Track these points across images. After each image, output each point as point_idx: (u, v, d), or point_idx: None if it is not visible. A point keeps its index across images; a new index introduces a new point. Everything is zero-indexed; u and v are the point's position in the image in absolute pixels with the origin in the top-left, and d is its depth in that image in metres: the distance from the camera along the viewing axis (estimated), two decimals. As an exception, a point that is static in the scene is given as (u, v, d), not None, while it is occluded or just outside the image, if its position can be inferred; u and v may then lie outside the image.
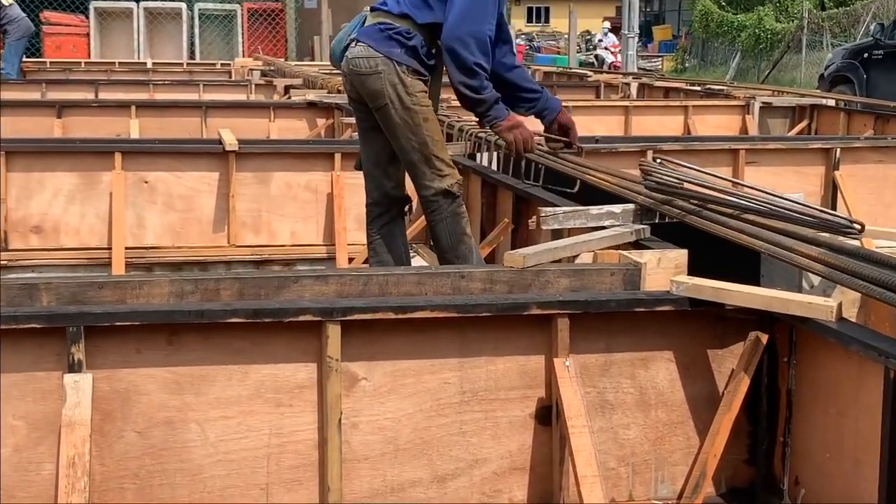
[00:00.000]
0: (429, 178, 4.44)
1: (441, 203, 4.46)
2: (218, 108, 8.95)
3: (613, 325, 2.97)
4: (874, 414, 2.59)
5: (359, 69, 4.48)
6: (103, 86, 11.12)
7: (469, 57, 4.32)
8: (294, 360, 2.86)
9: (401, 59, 4.40)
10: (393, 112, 4.42)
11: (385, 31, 4.45)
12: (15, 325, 2.68)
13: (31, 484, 2.72)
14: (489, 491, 2.96)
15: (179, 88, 11.43)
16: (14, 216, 5.86)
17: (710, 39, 34.03)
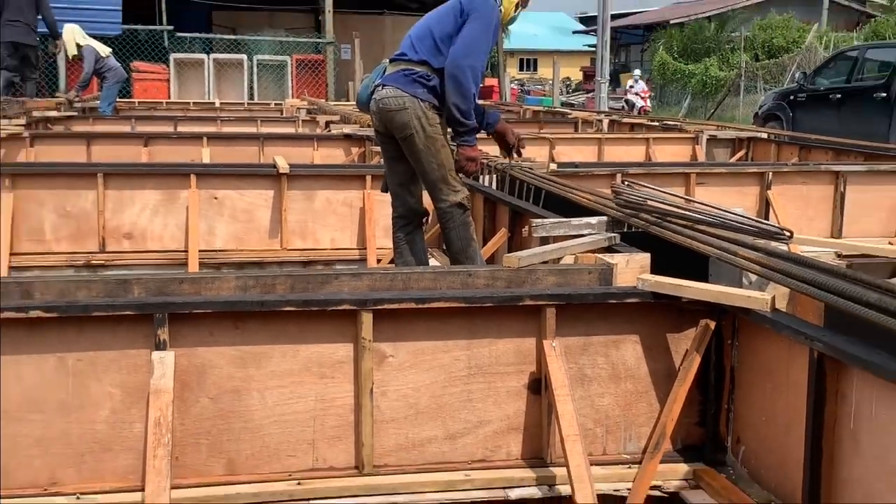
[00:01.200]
0: (445, 193, 4.46)
1: (454, 214, 4.49)
2: (272, 139, 8.93)
3: (591, 314, 2.97)
4: (801, 386, 2.59)
5: (388, 107, 4.49)
6: (181, 121, 11.11)
7: (467, 84, 4.38)
8: (335, 340, 2.86)
9: (423, 97, 4.43)
10: (417, 140, 4.44)
11: (409, 75, 4.48)
12: (113, 311, 2.70)
13: (125, 439, 2.73)
14: (491, 446, 2.96)
15: (241, 123, 11.43)
16: (110, 225, 5.87)
17: (666, 84, 34.03)
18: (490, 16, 4.54)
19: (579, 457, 2.69)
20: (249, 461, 2.83)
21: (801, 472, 2.58)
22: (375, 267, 5.75)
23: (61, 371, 2.68)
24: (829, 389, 2.49)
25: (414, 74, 4.49)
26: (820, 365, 2.51)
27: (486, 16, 4.51)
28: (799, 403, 2.61)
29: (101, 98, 12.01)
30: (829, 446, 2.51)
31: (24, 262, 5.69)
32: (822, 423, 2.51)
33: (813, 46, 28.00)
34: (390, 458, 2.90)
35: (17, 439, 2.67)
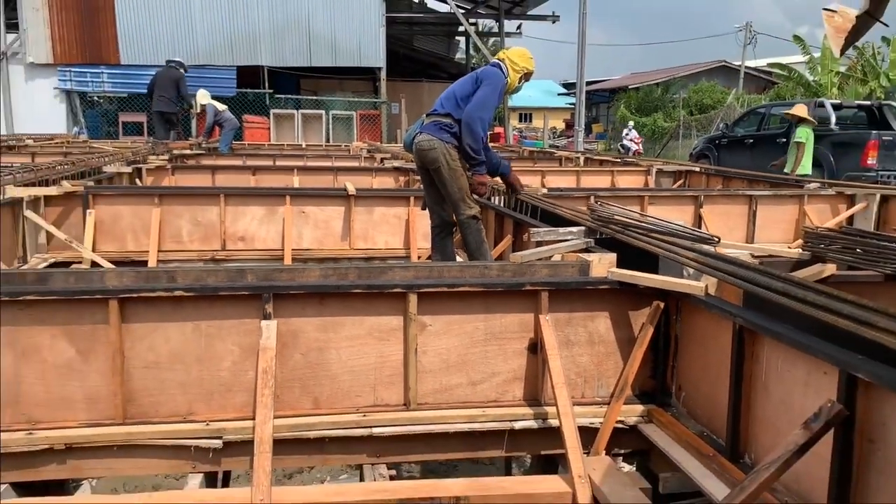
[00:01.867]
0: (463, 209, 4.53)
1: (471, 223, 4.55)
2: (342, 171, 8.90)
3: (573, 296, 2.95)
4: (726, 350, 2.58)
5: (423, 147, 4.55)
6: (278, 157, 11.11)
7: (477, 131, 4.46)
8: (389, 314, 2.84)
9: (447, 140, 4.49)
10: (443, 171, 4.49)
11: (438, 125, 4.54)
12: (234, 292, 2.70)
13: (242, 383, 2.74)
14: (501, 391, 2.94)
15: (320, 159, 11.41)
16: (229, 231, 5.89)
17: (625, 132, 33.81)
18: (498, 84, 4.63)
19: (565, 399, 2.67)
20: (329, 399, 2.83)
21: (725, 411, 2.56)
22: (417, 262, 5.74)
23: (197, 334, 2.70)
24: (747, 352, 2.48)
25: (441, 124, 4.57)
26: (740, 334, 2.49)
27: (494, 83, 4.60)
28: (724, 362, 2.59)
29: (220, 141, 12.05)
30: (747, 393, 2.49)
31: (168, 256, 5.72)
32: (741, 376, 2.49)
33: (732, 105, 27.73)
34: (429, 398, 2.89)
35: (166, 382, 2.69)
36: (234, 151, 11.88)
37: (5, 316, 2.57)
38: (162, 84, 12.35)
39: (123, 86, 19.12)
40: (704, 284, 2.74)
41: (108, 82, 19.07)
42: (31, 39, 18.67)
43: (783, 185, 7.71)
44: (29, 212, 5.39)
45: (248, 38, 19.42)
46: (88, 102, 19.67)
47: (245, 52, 19.43)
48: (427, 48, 27.36)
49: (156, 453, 2.66)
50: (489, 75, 4.65)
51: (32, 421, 2.63)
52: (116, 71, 19.03)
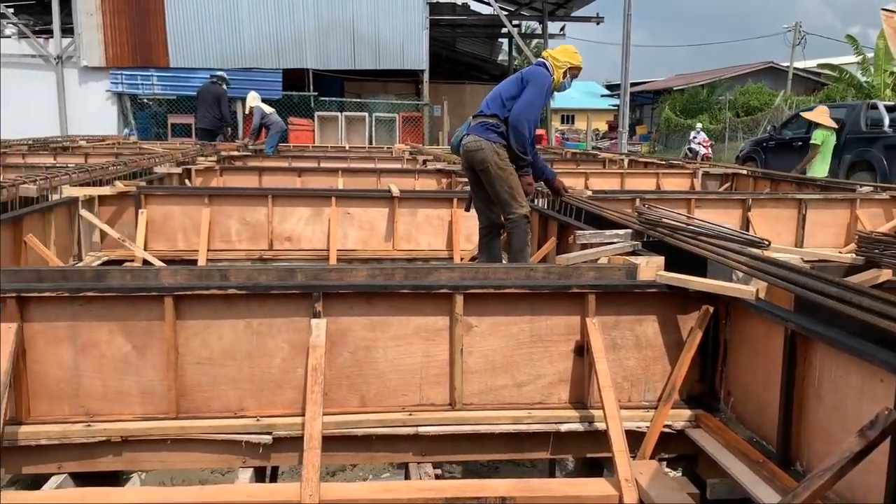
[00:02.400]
0: (513, 207, 4.53)
1: (520, 222, 4.56)
2: (385, 172, 8.96)
3: (621, 300, 2.93)
4: (777, 355, 2.54)
5: (470, 149, 4.56)
6: (322, 159, 11.24)
7: (524, 132, 4.49)
8: (436, 314, 2.86)
9: (494, 140, 4.50)
10: (492, 170, 4.51)
11: (485, 125, 4.56)
12: (284, 290, 2.75)
13: (291, 380, 2.78)
14: (546, 393, 2.94)
15: (364, 161, 11.51)
16: (276, 230, 5.98)
17: (670, 133, 33.39)
18: (543, 83, 4.63)
19: (612, 402, 2.65)
20: (375, 397, 2.86)
21: (776, 416, 2.53)
22: (462, 263, 5.76)
23: (248, 331, 2.75)
24: (799, 357, 2.44)
25: (488, 125, 4.59)
26: (792, 340, 2.45)
27: (540, 83, 4.61)
28: (775, 367, 2.55)
29: (266, 143, 12.23)
30: (799, 399, 2.45)
31: (217, 255, 5.83)
32: (793, 382, 2.45)
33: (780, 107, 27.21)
34: (474, 399, 2.90)
35: (218, 378, 2.75)
36: (279, 153, 12.03)
37: (66, 311, 2.65)
38: (204, 101, 12.74)
39: (173, 88, 19.55)
40: (756, 289, 2.70)
41: (157, 85, 19.51)
42: (84, 43, 19.19)
43: (834, 188, 7.55)
44: (84, 211, 5.54)
45: (294, 41, 19.68)
46: (139, 104, 20.15)
47: (291, 55, 19.69)
48: (469, 50, 27.39)
49: (208, 448, 2.72)
50: (534, 75, 4.65)
51: (90, 413, 2.71)
52: (166, 74, 19.46)
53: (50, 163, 9.16)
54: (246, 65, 19.44)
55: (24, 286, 2.65)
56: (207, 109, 12.69)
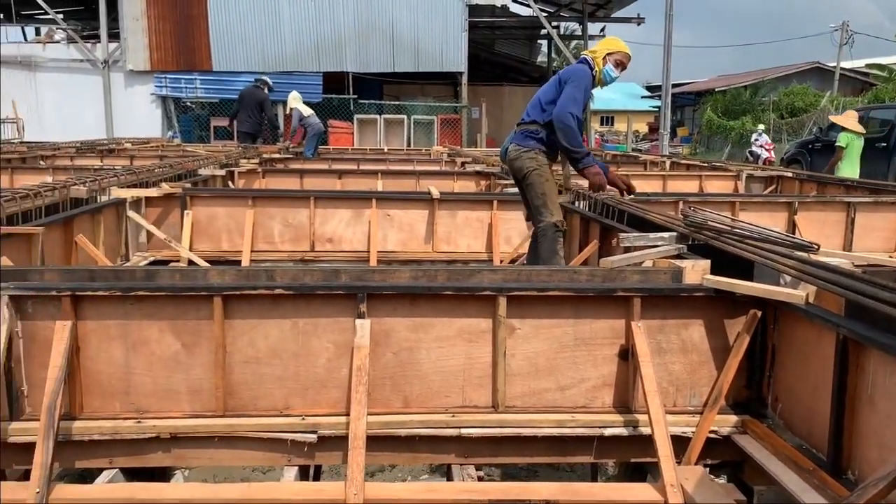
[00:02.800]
0: (544, 215, 4.53)
1: (548, 231, 4.54)
2: (424, 174, 9.01)
3: (666, 303, 2.90)
4: (828, 360, 2.49)
5: (511, 158, 4.61)
6: (362, 161, 11.35)
7: (568, 126, 4.45)
8: (479, 316, 2.86)
9: (533, 146, 4.51)
10: (529, 177, 4.52)
11: (524, 133, 4.59)
12: (330, 291, 2.78)
13: (335, 379, 2.82)
14: (590, 397, 2.92)
15: (402, 163, 11.58)
16: (318, 232, 6.05)
17: (712, 135, 32.92)
18: (582, 79, 4.61)
19: (657, 406, 2.63)
20: (418, 398, 2.87)
21: (827, 423, 2.48)
22: (505, 265, 5.77)
23: (294, 331, 2.78)
24: (851, 363, 2.39)
25: (527, 132, 4.63)
26: (844, 345, 2.41)
27: (579, 79, 4.59)
28: (825, 373, 2.51)
29: (305, 146, 12.38)
30: (851, 406, 2.40)
31: (260, 256, 5.93)
32: (845, 388, 2.41)
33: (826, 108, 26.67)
34: (517, 401, 2.90)
35: (264, 377, 2.80)
36: (320, 156, 12.16)
37: (118, 310, 2.72)
38: (247, 104, 12.94)
39: (215, 91, 19.88)
40: (805, 293, 2.66)
41: (200, 88, 19.85)
42: (130, 48, 19.62)
43: (884, 191, 7.38)
44: (131, 212, 5.67)
45: (334, 44, 19.86)
46: (182, 108, 20.52)
47: (331, 58, 19.88)
48: (508, 52, 27.35)
49: (254, 445, 2.76)
50: (571, 73, 4.64)
51: (141, 410, 2.77)
52: (209, 77, 19.79)
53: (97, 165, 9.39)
54: (287, 68, 19.68)
55: (78, 285, 2.72)
56: (249, 113, 12.91)
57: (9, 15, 20.66)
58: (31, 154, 10.45)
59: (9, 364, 2.69)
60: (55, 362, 2.59)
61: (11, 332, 2.68)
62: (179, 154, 10.85)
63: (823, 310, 2.66)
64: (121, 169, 6.89)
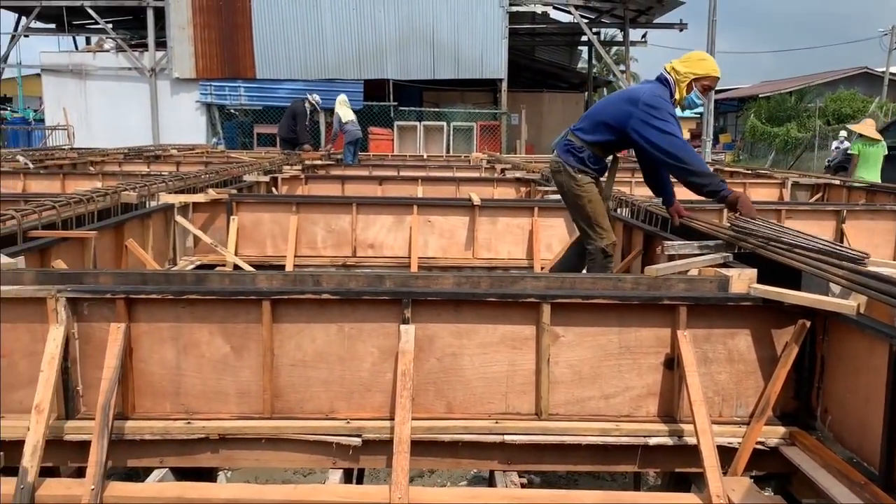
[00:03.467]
0: (592, 238, 4.27)
1: (597, 256, 4.26)
2: (464, 181, 9.04)
3: (712, 312, 2.87)
4: (880, 372, 2.44)
5: (552, 169, 4.46)
6: (402, 168, 11.44)
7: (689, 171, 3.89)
8: (523, 323, 2.86)
9: (571, 164, 4.24)
10: (568, 195, 4.34)
11: (566, 146, 4.33)
12: (375, 296, 2.81)
13: (380, 384, 2.84)
14: (635, 406, 2.90)
15: (442, 170, 11.62)
16: (359, 238, 6.11)
17: (755, 142, 32.41)
18: (667, 112, 3.92)
19: (703, 416, 2.61)
20: (461, 404, 2.88)
21: (879, 436, 2.43)
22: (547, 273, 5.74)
23: (340, 335, 2.82)
24: (905, 376, 2.34)
25: (569, 146, 4.30)
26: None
27: (664, 115, 3.91)
28: (878, 384, 2.46)
29: (343, 153, 12.52)
30: (904, 419, 2.36)
31: (303, 262, 6.00)
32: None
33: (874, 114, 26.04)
34: (560, 409, 2.89)
35: (311, 380, 2.84)
36: (360, 162, 12.27)
37: (170, 313, 2.79)
38: (287, 115, 13.59)
39: (259, 99, 20.22)
40: (856, 303, 2.61)
41: (244, 96, 20.20)
42: (176, 56, 20.05)
43: (936, 200, 7.20)
44: (179, 217, 5.80)
45: (375, 52, 20.04)
46: (226, 115, 20.90)
47: (372, 65, 20.07)
48: (548, 58, 27.29)
49: (300, 448, 2.80)
50: (651, 107, 3.92)
51: (190, 411, 2.84)
52: (252, 85, 20.13)
53: (144, 171, 9.62)
54: (329, 76, 19.92)
55: (132, 288, 2.80)
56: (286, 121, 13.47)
57: (61, 25, 21.28)
58: (81, 160, 10.76)
59: (65, 364, 2.77)
60: (110, 363, 2.66)
61: (68, 334, 2.76)
62: (224, 160, 11.05)
63: (875, 320, 2.61)
64: (168, 175, 7.05)
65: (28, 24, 21.17)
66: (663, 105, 3.93)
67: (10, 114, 26.57)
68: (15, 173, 8.70)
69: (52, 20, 22.38)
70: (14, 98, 29.61)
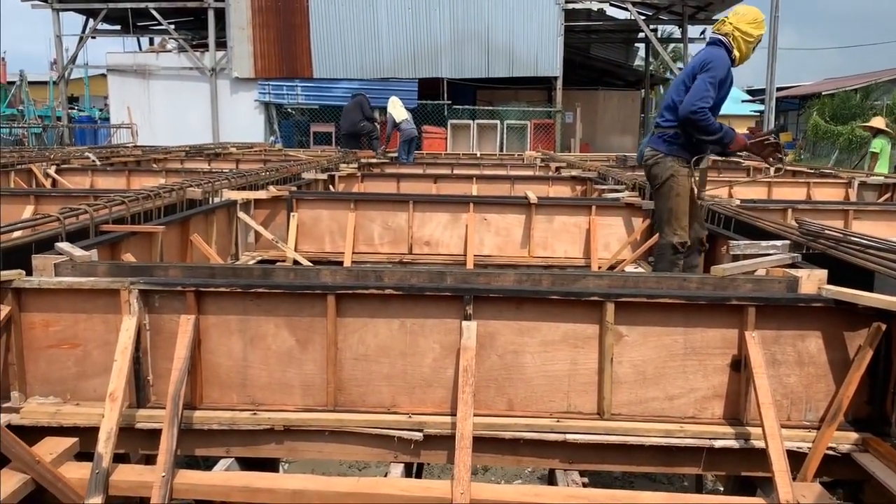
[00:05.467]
0: (667, 232, 4.33)
1: (667, 250, 4.32)
2: (519, 179, 8.99)
3: (782, 314, 2.79)
4: (962, 379, 2.35)
5: (648, 163, 4.45)
6: (456, 166, 11.45)
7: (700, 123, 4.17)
8: (585, 321, 2.84)
9: (675, 153, 4.30)
10: (660, 188, 4.35)
11: (660, 136, 4.38)
12: (437, 293, 2.82)
13: (441, 379, 2.85)
14: (699, 407, 2.85)
15: (496, 168, 11.58)
16: (415, 235, 6.14)
17: (818, 141, 31.47)
18: (720, 69, 4.25)
19: (772, 420, 2.55)
20: (522, 402, 2.88)
21: (960, 446, 2.34)
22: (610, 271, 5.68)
23: (402, 330, 2.84)
24: None
25: (665, 135, 4.37)
26: (982, 363, 2.27)
27: (716, 69, 4.24)
28: (959, 392, 2.37)
29: (398, 150, 12.58)
30: None
31: (360, 258, 6.06)
32: (982, 409, 2.27)
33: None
34: (623, 409, 2.86)
35: (373, 374, 2.87)
36: (415, 160, 12.32)
37: (238, 306, 2.85)
38: (353, 107, 13.70)
39: (315, 98, 20.49)
40: (937, 306, 2.52)
41: (301, 95, 20.49)
42: (236, 56, 20.45)
43: None
44: (241, 213, 5.91)
45: (430, 51, 20.11)
46: (284, 114, 21.24)
47: (426, 64, 20.14)
48: (604, 56, 26.97)
49: (362, 441, 2.84)
50: (707, 61, 4.27)
51: (256, 403, 2.90)
52: (309, 84, 20.41)
53: (205, 168, 9.84)
54: (384, 75, 20.07)
55: (201, 281, 2.87)
56: (350, 115, 13.58)
57: (126, 27, 21.90)
58: (145, 157, 11.06)
59: (137, 354, 2.85)
60: (180, 354, 2.73)
61: (140, 325, 2.85)
62: (282, 158, 11.23)
63: (956, 325, 2.51)
64: (230, 172, 7.20)
65: (95, 27, 21.85)
66: (721, 63, 4.22)
67: (77, 113, 27.48)
68: (83, 170, 9.01)
69: (117, 22, 23.06)
70: (81, 97, 30.61)
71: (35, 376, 2.93)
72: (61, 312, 2.90)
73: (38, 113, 27.26)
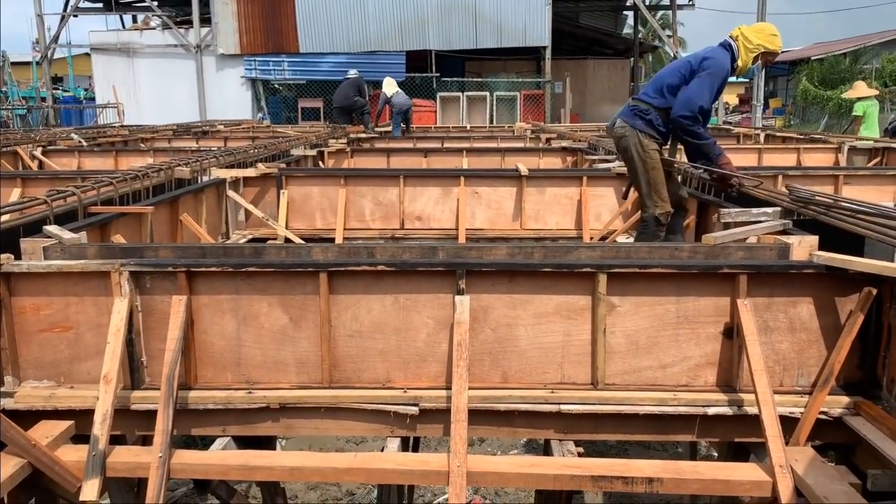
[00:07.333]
0: (648, 206, 4.34)
1: (650, 223, 4.34)
2: (509, 151, 8.94)
3: (773, 281, 2.80)
4: (952, 341, 2.37)
5: (616, 134, 4.45)
6: (445, 139, 11.39)
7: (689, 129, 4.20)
8: (578, 293, 2.85)
9: (640, 128, 4.32)
10: (633, 160, 4.36)
11: (634, 110, 4.38)
12: (430, 268, 2.82)
13: (435, 354, 2.86)
14: (692, 375, 2.87)
15: (486, 140, 11.52)
16: (407, 210, 6.11)
17: (807, 106, 31.43)
18: (719, 74, 4.21)
19: (765, 386, 2.57)
20: (517, 374, 2.89)
21: (950, 408, 2.37)
22: (602, 242, 5.68)
23: (396, 306, 2.84)
24: (980, 345, 2.27)
25: (637, 110, 4.38)
26: (972, 325, 2.28)
27: (715, 73, 4.20)
28: (949, 355, 2.39)
29: (392, 125, 12.50)
30: (978, 389, 2.28)
31: (352, 234, 6.05)
32: (971, 370, 2.29)
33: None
34: (617, 379, 2.88)
35: (367, 351, 2.87)
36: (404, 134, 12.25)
37: (230, 285, 2.84)
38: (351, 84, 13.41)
39: (302, 73, 20.31)
40: (927, 270, 2.53)
41: (288, 70, 20.31)
42: (221, 32, 20.21)
43: None
44: (231, 191, 5.88)
45: (417, 22, 19.91)
46: (271, 90, 21.05)
47: (414, 36, 19.95)
48: (593, 24, 26.76)
49: (358, 416, 2.85)
50: (709, 63, 4.21)
51: (251, 381, 2.90)
52: (296, 59, 20.21)
53: (193, 147, 9.76)
54: (371, 48, 19.90)
55: (192, 261, 2.85)
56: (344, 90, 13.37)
57: (108, 4, 21.59)
58: (132, 137, 10.97)
59: (130, 336, 2.85)
60: (173, 334, 2.73)
61: (132, 306, 2.84)
62: (270, 135, 11.14)
63: (946, 288, 2.53)
64: (218, 150, 7.14)
65: (77, 4, 21.51)
66: (721, 67, 4.17)
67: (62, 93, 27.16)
68: (70, 151, 8.93)
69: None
70: (65, 77, 30.24)
71: (28, 360, 2.92)
72: (52, 296, 2.88)
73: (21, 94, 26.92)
